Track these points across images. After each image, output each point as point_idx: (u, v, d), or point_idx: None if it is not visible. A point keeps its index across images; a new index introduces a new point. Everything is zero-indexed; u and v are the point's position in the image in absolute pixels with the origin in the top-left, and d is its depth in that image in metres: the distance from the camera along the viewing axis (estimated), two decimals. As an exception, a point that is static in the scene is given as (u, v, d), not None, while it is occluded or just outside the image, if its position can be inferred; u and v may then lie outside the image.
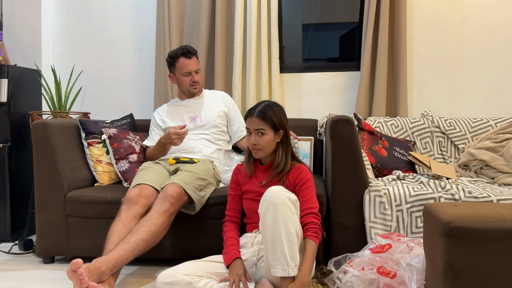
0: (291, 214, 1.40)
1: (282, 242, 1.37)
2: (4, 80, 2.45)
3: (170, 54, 2.25)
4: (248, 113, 1.65)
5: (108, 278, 1.51)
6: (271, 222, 1.39)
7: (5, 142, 2.45)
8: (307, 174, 1.64)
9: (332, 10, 2.99)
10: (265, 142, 1.60)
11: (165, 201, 1.72)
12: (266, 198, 1.43)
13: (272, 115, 1.60)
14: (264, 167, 1.69)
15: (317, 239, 1.50)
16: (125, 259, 1.56)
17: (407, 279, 1.30)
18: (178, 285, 1.44)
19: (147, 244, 1.63)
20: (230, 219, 1.72)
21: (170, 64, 2.26)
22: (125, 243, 1.58)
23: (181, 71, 2.23)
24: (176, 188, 1.76)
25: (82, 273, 1.35)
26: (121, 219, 1.70)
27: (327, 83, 2.79)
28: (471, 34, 2.65)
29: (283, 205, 1.39)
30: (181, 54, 2.21)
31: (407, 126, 2.44)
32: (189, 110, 2.30)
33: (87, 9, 2.98)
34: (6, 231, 2.45)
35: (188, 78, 2.25)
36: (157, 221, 1.67)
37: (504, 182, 1.94)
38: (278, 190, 1.42)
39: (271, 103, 1.65)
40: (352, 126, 1.80)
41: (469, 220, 1.03)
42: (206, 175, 1.98)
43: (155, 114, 2.36)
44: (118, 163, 2.18)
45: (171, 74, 2.30)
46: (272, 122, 1.60)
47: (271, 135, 1.61)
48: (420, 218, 1.75)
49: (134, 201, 1.75)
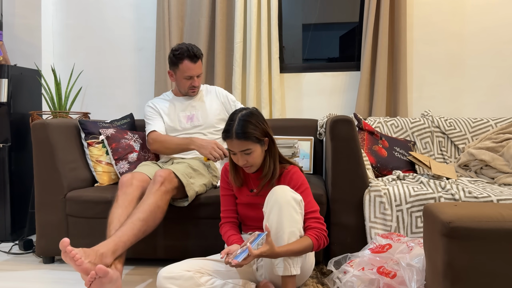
0: (295, 214, 1.40)
1: (285, 242, 1.37)
2: (4, 80, 2.45)
3: (175, 52, 2.13)
4: (224, 136, 1.49)
5: (113, 262, 1.50)
6: (275, 222, 1.39)
7: (5, 142, 2.45)
8: (299, 176, 1.55)
9: (332, 10, 2.99)
10: (254, 159, 1.51)
11: (155, 182, 1.74)
12: (271, 197, 1.42)
13: (252, 130, 1.47)
14: (254, 175, 1.62)
15: (315, 241, 1.43)
16: (126, 239, 1.55)
17: (407, 279, 1.30)
18: (180, 279, 1.43)
19: (146, 223, 1.63)
20: (227, 220, 1.66)
21: (173, 62, 2.15)
22: (123, 226, 1.59)
23: (183, 73, 2.15)
24: (165, 170, 1.79)
25: (71, 250, 1.35)
26: (119, 204, 1.71)
27: (327, 83, 2.79)
28: (471, 34, 2.65)
29: (288, 205, 1.39)
30: (187, 56, 2.11)
31: (407, 126, 2.44)
32: (186, 109, 2.24)
33: (87, 9, 2.98)
34: (6, 231, 2.45)
35: (189, 81, 2.17)
36: (149, 200, 1.68)
37: (504, 182, 1.94)
38: (283, 190, 1.41)
39: (247, 115, 1.49)
40: (352, 126, 1.80)
41: (469, 220, 1.03)
42: (199, 167, 2.01)
43: (151, 106, 2.25)
44: (118, 164, 2.17)
45: (172, 72, 2.21)
46: (256, 138, 1.48)
47: (259, 149, 1.51)
48: (420, 218, 1.75)
49: (128, 184, 1.77)
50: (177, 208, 1.88)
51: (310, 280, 1.65)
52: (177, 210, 1.88)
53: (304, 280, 1.59)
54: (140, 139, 2.32)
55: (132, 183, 1.78)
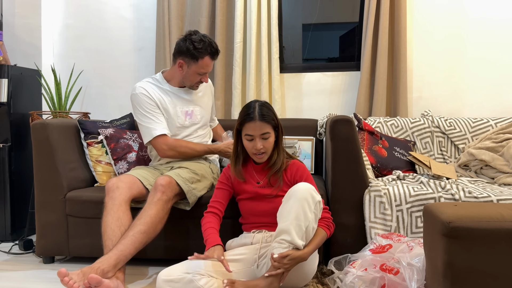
0: (308, 211, 1.41)
1: (289, 231, 1.40)
2: (4, 80, 2.45)
3: (196, 44, 1.91)
4: (248, 118, 1.55)
5: (115, 274, 1.53)
6: (287, 209, 1.42)
7: (5, 142, 2.45)
8: (305, 169, 1.64)
9: (332, 10, 2.99)
10: (269, 144, 1.58)
11: (156, 191, 1.72)
12: (292, 191, 1.45)
13: (272, 115, 1.58)
14: (259, 166, 1.67)
15: (327, 230, 1.54)
16: (127, 253, 1.56)
17: (407, 278, 1.30)
18: (179, 282, 1.44)
19: (147, 235, 1.63)
20: (212, 210, 1.66)
21: (192, 56, 1.93)
22: (124, 239, 1.59)
23: (200, 69, 1.96)
24: (165, 177, 1.75)
25: (68, 281, 1.37)
26: (107, 211, 1.69)
27: (327, 83, 2.79)
28: (471, 34, 2.65)
29: (303, 200, 1.41)
30: (209, 52, 1.95)
31: (407, 126, 2.44)
32: (184, 103, 2.06)
33: (87, 9, 2.98)
34: (6, 231, 2.45)
35: (199, 77, 2.00)
36: (150, 211, 1.67)
37: (504, 182, 1.94)
38: (306, 188, 1.43)
39: (263, 103, 1.60)
40: (352, 126, 1.80)
41: (469, 220, 1.03)
42: (201, 170, 1.96)
43: (146, 94, 1.97)
44: (117, 164, 2.17)
45: (184, 63, 1.97)
46: (274, 123, 1.58)
47: (273, 136, 1.60)
48: (420, 218, 1.75)
49: (114, 187, 1.74)
50: (177, 208, 1.88)
51: (310, 280, 1.65)
52: (177, 210, 1.87)
53: (306, 281, 1.59)
54: (139, 138, 2.30)
55: (118, 186, 1.75)
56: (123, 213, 1.69)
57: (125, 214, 1.70)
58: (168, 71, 2.10)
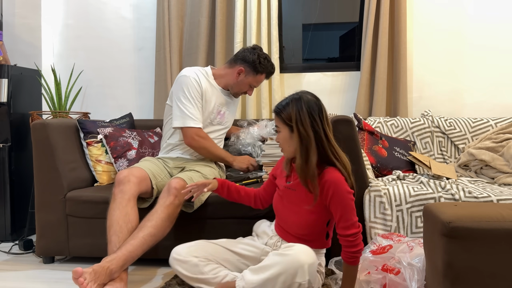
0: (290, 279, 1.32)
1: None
2: (4, 80, 2.45)
3: (262, 60, 2.07)
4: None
5: (120, 274, 1.54)
6: (266, 276, 1.33)
7: (5, 142, 2.45)
8: (332, 185, 1.38)
9: (332, 10, 2.99)
10: (280, 140, 1.48)
11: (169, 194, 1.71)
12: (286, 252, 1.35)
13: (284, 110, 1.44)
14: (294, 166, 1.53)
15: (349, 261, 1.39)
16: (134, 255, 1.58)
17: (408, 278, 1.31)
18: (186, 264, 1.49)
19: (155, 238, 1.65)
20: (254, 191, 1.70)
21: (254, 68, 2.08)
22: (133, 239, 1.59)
23: (253, 82, 2.13)
24: (179, 181, 1.75)
25: (82, 282, 1.38)
26: (116, 205, 1.68)
27: (327, 83, 2.79)
28: (471, 34, 2.65)
29: (282, 275, 1.31)
30: (268, 72, 2.14)
31: (407, 126, 2.44)
32: (221, 103, 2.15)
33: (87, 9, 2.98)
34: (6, 231, 2.44)
35: (248, 89, 2.15)
36: (162, 214, 1.67)
37: (504, 182, 1.94)
38: (297, 258, 1.32)
39: (295, 97, 1.46)
40: (352, 126, 1.80)
41: (469, 220, 1.03)
42: (211, 175, 2.00)
43: (197, 81, 2.03)
44: (117, 162, 2.18)
45: (244, 71, 2.09)
46: (283, 119, 1.44)
47: (286, 133, 1.44)
48: (420, 218, 1.75)
49: (125, 181, 1.73)
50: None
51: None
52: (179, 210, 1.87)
53: None
54: (138, 136, 2.31)
55: (129, 180, 1.74)
56: (131, 208, 1.69)
57: (133, 210, 1.70)
58: (219, 70, 2.18)
